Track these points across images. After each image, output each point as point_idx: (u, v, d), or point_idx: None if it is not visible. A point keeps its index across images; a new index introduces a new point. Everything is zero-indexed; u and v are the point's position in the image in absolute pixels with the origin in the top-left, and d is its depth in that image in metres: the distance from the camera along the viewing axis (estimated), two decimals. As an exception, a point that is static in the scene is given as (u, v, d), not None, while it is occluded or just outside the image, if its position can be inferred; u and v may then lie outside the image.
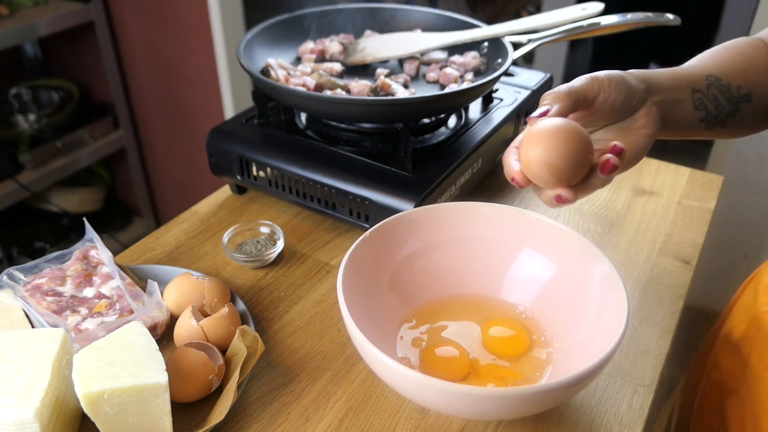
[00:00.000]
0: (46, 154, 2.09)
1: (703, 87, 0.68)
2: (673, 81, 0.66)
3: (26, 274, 0.77)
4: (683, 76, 0.68)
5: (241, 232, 0.88)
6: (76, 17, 2.03)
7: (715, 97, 0.68)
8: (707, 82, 0.68)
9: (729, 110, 0.69)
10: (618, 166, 0.57)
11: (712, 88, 0.68)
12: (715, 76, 0.69)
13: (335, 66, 0.97)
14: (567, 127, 0.55)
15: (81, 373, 0.59)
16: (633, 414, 0.67)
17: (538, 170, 0.55)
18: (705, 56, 0.72)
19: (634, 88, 0.62)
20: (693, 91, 0.67)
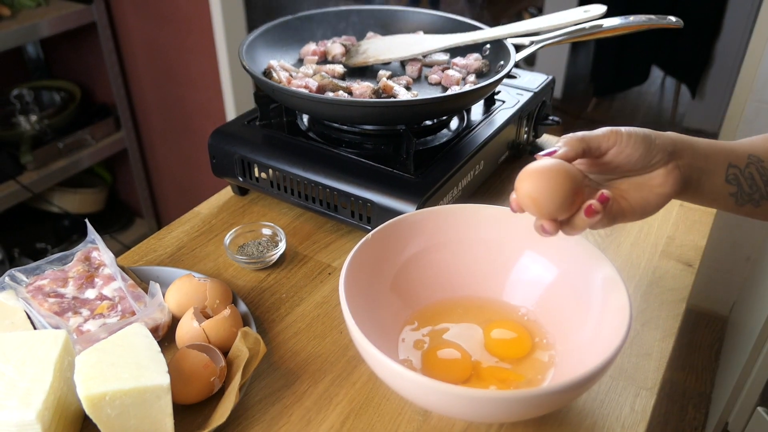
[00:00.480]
0: (48, 155, 2.09)
1: (741, 164, 0.66)
2: (710, 149, 0.66)
3: (28, 276, 0.77)
4: (723, 148, 0.67)
5: (242, 234, 0.88)
6: (78, 18, 2.03)
7: (752, 175, 0.66)
8: (748, 161, 0.67)
9: (765, 192, 0.67)
10: (599, 212, 0.59)
11: (751, 168, 0.67)
12: (758, 157, 0.67)
13: (337, 68, 0.97)
14: (557, 168, 0.59)
15: (83, 375, 0.59)
16: (635, 417, 0.67)
17: (524, 202, 0.60)
18: (756, 138, 0.71)
19: (656, 147, 0.62)
20: (729, 165, 0.66)
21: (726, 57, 2.79)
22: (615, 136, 0.62)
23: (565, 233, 0.62)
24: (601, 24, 0.93)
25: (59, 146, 2.11)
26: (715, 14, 2.73)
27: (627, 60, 2.99)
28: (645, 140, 0.62)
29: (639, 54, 2.98)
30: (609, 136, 0.62)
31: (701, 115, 3.02)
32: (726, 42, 2.78)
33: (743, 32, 2.64)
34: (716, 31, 2.77)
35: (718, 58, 2.84)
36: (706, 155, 0.65)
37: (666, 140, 0.63)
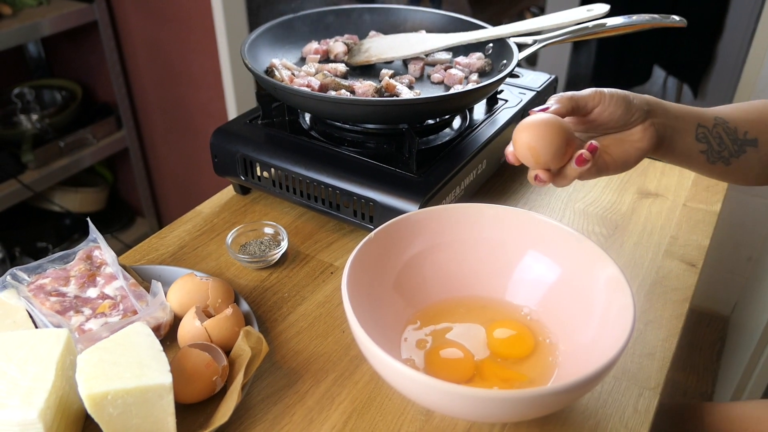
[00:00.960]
0: (49, 154, 2.09)
1: (708, 124, 0.73)
2: (680, 111, 0.72)
3: (30, 275, 0.77)
4: (692, 111, 0.73)
5: (244, 233, 0.88)
6: (79, 17, 2.03)
7: (719, 135, 0.73)
8: (714, 122, 0.73)
9: (733, 150, 0.73)
10: (589, 160, 0.65)
11: (718, 128, 0.73)
12: (723, 119, 0.74)
13: (340, 66, 0.97)
14: (552, 121, 0.65)
15: (85, 374, 0.58)
16: (638, 417, 0.67)
17: (521, 151, 0.65)
18: (721, 106, 0.77)
19: (635, 106, 0.68)
20: (698, 126, 0.72)
21: (728, 57, 2.79)
22: (599, 96, 0.68)
23: (556, 184, 0.68)
24: (605, 23, 0.93)
25: (60, 145, 2.11)
26: (718, 14, 2.73)
27: (629, 60, 2.99)
28: (625, 100, 0.68)
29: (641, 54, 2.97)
30: (594, 96, 0.68)
31: (703, 115, 3.01)
32: (728, 42, 2.77)
33: (745, 32, 2.64)
34: (718, 30, 2.77)
35: (720, 58, 2.83)
36: (677, 116, 0.71)
37: (642, 101, 0.69)
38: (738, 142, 0.73)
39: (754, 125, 0.75)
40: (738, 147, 0.73)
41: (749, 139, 0.74)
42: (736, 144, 0.73)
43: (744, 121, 0.74)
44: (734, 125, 0.74)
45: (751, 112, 0.76)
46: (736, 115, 0.75)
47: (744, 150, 0.74)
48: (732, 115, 0.75)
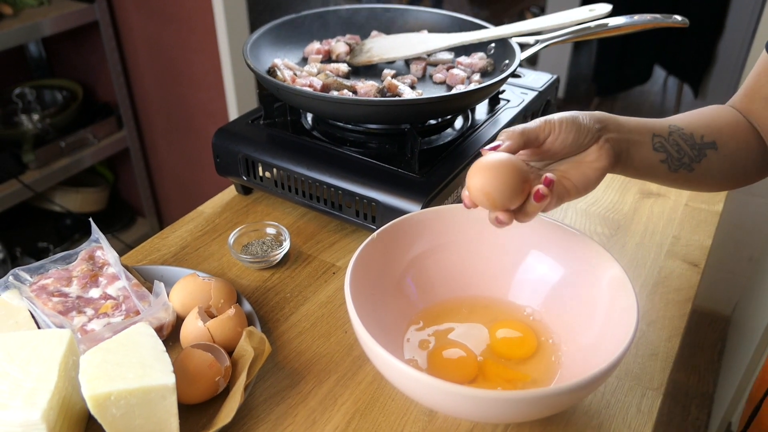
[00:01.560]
0: (50, 154, 2.09)
1: (664, 133, 0.71)
2: (634, 124, 0.70)
3: (32, 275, 0.77)
4: (645, 122, 0.71)
5: (246, 233, 0.88)
6: (80, 17, 2.03)
7: (677, 142, 0.71)
8: (669, 130, 0.71)
9: (693, 155, 0.72)
10: (547, 195, 0.62)
11: (674, 135, 0.71)
12: (678, 126, 0.72)
13: (342, 66, 0.97)
14: (504, 161, 0.62)
15: (88, 375, 0.58)
16: (642, 418, 0.67)
17: (477, 196, 0.62)
18: (672, 116, 0.76)
19: (585, 127, 0.66)
20: (653, 136, 0.70)
21: (729, 56, 2.79)
22: (549, 126, 0.65)
23: (519, 221, 0.64)
24: (606, 23, 0.93)
25: (61, 145, 2.11)
26: (718, 14, 2.73)
27: (629, 59, 2.99)
28: (574, 124, 0.66)
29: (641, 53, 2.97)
30: (544, 127, 0.65)
31: (704, 115, 3.01)
32: (729, 41, 2.77)
33: (746, 32, 2.64)
34: (719, 30, 2.77)
35: (720, 58, 2.83)
36: (631, 129, 0.69)
37: (592, 119, 0.67)
38: (697, 147, 0.72)
39: (709, 129, 0.74)
40: (698, 151, 0.72)
41: (707, 143, 0.73)
42: (695, 149, 0.72)
43: (699, 125, 0.73)
44: (690, 131, 0.72)
45: (704, 117, 0.75)
46: (689, 120, 0.74)
47: (704, 153, 0.72)
48: (686, 121, 0.74)
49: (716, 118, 0.75)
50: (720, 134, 0.74)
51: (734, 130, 0.75)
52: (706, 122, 0.74)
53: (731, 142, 0.74)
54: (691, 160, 0.72)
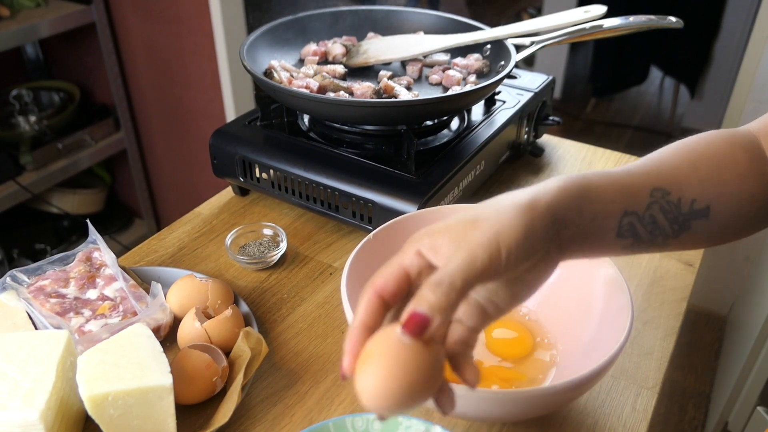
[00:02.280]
0: (47, 156, 2.09)
1: (640, 207, 0.53)
2: (600, 207, 0.52)
3: (29, 276, 0.77)
4: (619, 194, 0.53)
5: (243, 234, 0.88)
6: (78, 19, 2.03)
7: (654, 219, 0.54)
8: (650, 200, 0.54)
9: (671, 231, 0.55)
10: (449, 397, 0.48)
11: (654, 208, 0.54)
12: (664, 189, 0.54)
13: (338, 68, 0.97)
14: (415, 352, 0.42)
15: (85, 375, 0.59)
16: (637, 416, 0.67)
17: (366, 399, 0.42)
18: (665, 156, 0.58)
19: (535, 244, 0.47)
20: (623, 215, 0.53)
21: (725, 57, 2.80)
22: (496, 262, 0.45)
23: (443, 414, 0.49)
24: (602, 24, 0.93)
25: (58, 147, 2.11)
26: (714, 14, 2.74)
27: (626, 60, 3.00)
28: (525, 249, 0.47)
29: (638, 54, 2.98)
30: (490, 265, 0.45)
31: (700, 115, 3.02)
32: (725, 42, 2.78)
33: (742, 32, 2.64)
34: (715, 31, 2.78)
35: (716, 59, 2.84)
36: (594, 216, 0.51)
37: (544, 225, 0.48)
38: (680, 219, 0.55)
39: (707, 186, 0.55)
40: (679, 225, 0.55)
41: (698, 210, 0.55)
42: (676, 222, 0.55)
43: (695, 181, 0.55)
44: (678, 195, 0.54)
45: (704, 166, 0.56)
46: (684, 173, 0.55)
47: (688, 226, 0.55)
48: (677, 175, 0.55)
49: (723, 166, 0.57)
50: (720, 193, 0.56)
51: (742, 181, 0.57)
52: (708, 174, 0.56)
53: (731, 202, 0.57)
54: (666, 237, 0.55)
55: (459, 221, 0.48)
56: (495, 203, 0.49)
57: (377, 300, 0.46)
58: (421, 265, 0.48)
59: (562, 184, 0.50)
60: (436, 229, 0.48)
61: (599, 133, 3.08)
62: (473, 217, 0.47)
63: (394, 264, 0.48)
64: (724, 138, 0.59)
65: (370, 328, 0.46)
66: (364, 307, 0.46)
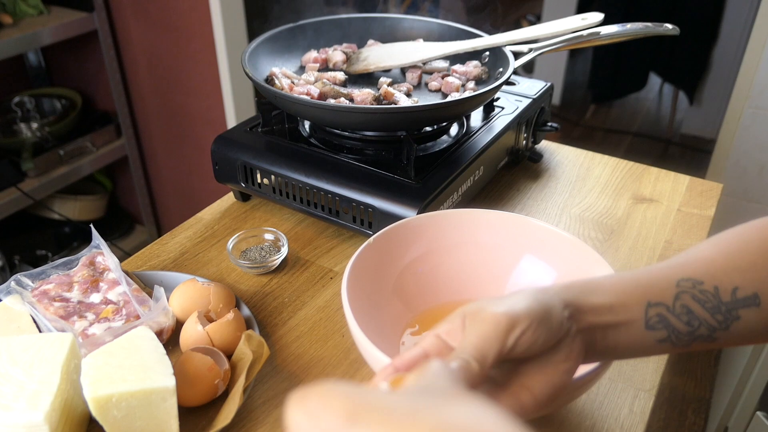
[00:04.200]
0: (49, 162, 2.10)
1: (667, 298, 0.50)
2: (616, 297, 0.50)
3: (33, 280, 0.78)
4: (636, 287, 0.50)
5: (245, 239, 0.89)
6: (80, 26, 2.04)
7: (689, 309, 0.50)
8: (677, 290, 0.50)
9: (718, 323, 0.50)
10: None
11: (684, 297, 0.50)
12: (694, 280, 0.50)
13: (338, 75, 0.98)
14: None
15: (89, 377, 0.59)
16: (634, 418, 0.68)
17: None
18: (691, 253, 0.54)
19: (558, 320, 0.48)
20: (647, 306, 0.50)
21: (723, 64, 2.81)
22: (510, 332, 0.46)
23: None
24: (599, 31, 0.94)
25: (60, 153, 2.12)
26: (712, 21, 2.75)
27: (625, 67, 3.01)
28: (545, 321, 0.47)
29: (637, 61, 2.99)
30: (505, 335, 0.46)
31: (699, 122, 3.03)
32: (723, 49, 2.79)
33: (740, 39, 2.66)
34: (713, 38, 2.79)
35: (715, 65, 2.86)
36: (611, 307, 0.50)
37: (559, 302, 0.49)
38: (723, 309, 0.50)
39: (749, 274, 0.50)
40: (724, 316, 0.50)
41: (743, 298, 0.50)
42: (719, 313, 0.50)
43: (733, 271, 0.51)
44: (714, 283, 0.50)
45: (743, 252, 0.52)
46: (719, 263, 0.51)
47: (737, 316, 0.50)
48: (711, 265, 0.51)
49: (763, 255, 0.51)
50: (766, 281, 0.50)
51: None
52: (749, 262, 0.51)
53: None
54: (714, 330, 0.50)
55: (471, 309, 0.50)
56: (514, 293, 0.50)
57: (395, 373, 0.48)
58: (440, 346, 0.49)
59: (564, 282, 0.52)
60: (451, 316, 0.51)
61: (598, 139, 3.09)
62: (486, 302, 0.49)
63: (416, 348, 0.50)
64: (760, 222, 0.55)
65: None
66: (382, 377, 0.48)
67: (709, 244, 0.54)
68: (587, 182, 1.08)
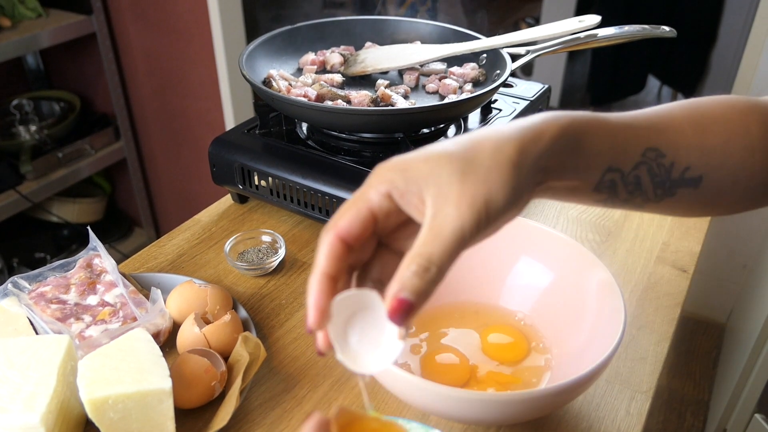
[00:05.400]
0: (47, 165, 2.10)
1: (627, 165, 0.49)
2: (589, 159, 0.48)
3: (30, 282, 0.78)
4: (609, 146, 0.49)
5: (242, 241, 0.89)
6: (78, 29, 2.05)
7: (638, 180, 0.50)
8: (640, 159, 0.50)
9: (652, 196, 0.51)
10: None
11: (641, 169, 0.50)
12: (659, 150, 0.50)
13: (336, 77, 0.98)
14: None
15: (86, 379, 0.59)
16: (631, 420, 0.68)
17: None
18: (675, 113, 0.53)
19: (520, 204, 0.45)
20: (606, 170, 0.49)
21: (721, 66, 2.81)
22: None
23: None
24: (596, 34, 0.94)
25: (59, 156, 2.12)
26: (711, 24, 2.75)
27: (623, 69, 3.01)
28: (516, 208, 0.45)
29: (635, 63, 2.99)
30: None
31: (698, 124, 3.03)
32: (721, 51, 2.80)
33: (738, 41, 2.66)
34: (712, 40, 2.79)
35: (713, 68, 2.86)
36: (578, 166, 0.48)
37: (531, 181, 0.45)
38: (666, 185, 0.51)
39: (707, 155, 0.51)
40: (663, 191, 0.51)
41: (688, 178, 0.51)
42: (661, 188, 0.51)
43: (695, 149, 0.51)
44: (673, 159, 0.50)
45: (712, 133, 0.52)
46: (687, 137, 0.51)
47: (672, 193, 0.51)
48: (679, 139, 0.51)
49: (732, 136, 0.52)
50: (720, 164, 0.52)
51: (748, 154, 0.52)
52: (713, 144, 0.52)
53: (729, 175, 0.52)
54: (646, 200, 0.52)
55: (440, 165, 0.42)
56: (479, 144, 0.44)
57: (340, 245, 0.43)
58: (390, 208, 0.43)
59: (556, 132, 0.45)
60: (410, 168, 0.43)
61: (597, 141, 3.09)
62: (460, 168, 0.42)
63: (360, 203, 0.43)
64: (741, 105, 0.54)
65: (333, 277, 0.43)
66: (326, 254, 0.43)
67: (688, 108, 0.53)
68: (585, 184, 1.08)
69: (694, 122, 0.52)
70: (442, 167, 0.42)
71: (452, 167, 0.42)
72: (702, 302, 2.23)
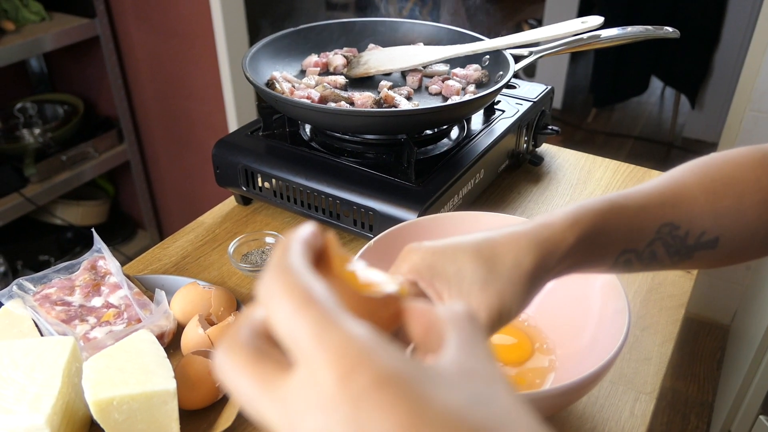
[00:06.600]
0: (51, 168, 2.11)
1: (641, 245, 0.51)
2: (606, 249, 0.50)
3: (35, 284, 0.78)
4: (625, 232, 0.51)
5: (246, 243, 0.89)
6: (82, 32, 2.05)
7: (653, 254, 0.52)
8: (655, 236, 0.51)
9: (668, 263, 0.54)
10: None
11: (656, 245, 0.52)
12: (673, 224, 0.52)
13: (339, 78, 0.98)
14: None
15: (91, 380, 0.60)
16: (635, 421, 0.68)
17: None
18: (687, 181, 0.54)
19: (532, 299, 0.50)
20: (622, 252, 0.51)
21: (724, 67, 2.81)
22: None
23: None
24: (599, 35, 0.94)
25: (62, 159, 2.12)
26: (714, 25, 2.75)
27: (626, 70, 3.01)
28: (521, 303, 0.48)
29: (638, 65, 2.99)
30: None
31: (701, 125, 3.04)
32: (724, 53, 2.80)
33: (741, 43, 2.66)
34: (715, 41, 2.79)
35: (716, 69, 2.86)
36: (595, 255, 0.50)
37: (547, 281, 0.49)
38: (682, 252, 0.53)
39: (721, 219, 0.53)
40: (680, 257, 0.53)
41: (705, 242, 0.53)
42: (677, 255, 0.53)
43: (709, 216, 0.52)
44: (688, 228, 0.52)
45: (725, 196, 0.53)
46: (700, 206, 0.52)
47: (689, 256, 0.53)
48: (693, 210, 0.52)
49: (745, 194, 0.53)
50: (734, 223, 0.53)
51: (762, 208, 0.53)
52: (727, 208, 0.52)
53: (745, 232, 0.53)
54: (662, 266, 0.54)
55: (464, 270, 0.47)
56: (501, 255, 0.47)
57: None
58: (413, 293, 0.47)
59: (573, 241, 0.48)
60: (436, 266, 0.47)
61: (600, 143, 3.09)
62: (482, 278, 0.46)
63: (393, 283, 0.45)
64: (751, 159, 0.55)
65: None
66: None
67: (699, 173, 0.54)
68: (588, 185, 1.08)
69: (705, 188, 0.53)
70: (465, 272, 0.47)
71: (475, 276, 0.46)
72: (706, 303, 2.23)
